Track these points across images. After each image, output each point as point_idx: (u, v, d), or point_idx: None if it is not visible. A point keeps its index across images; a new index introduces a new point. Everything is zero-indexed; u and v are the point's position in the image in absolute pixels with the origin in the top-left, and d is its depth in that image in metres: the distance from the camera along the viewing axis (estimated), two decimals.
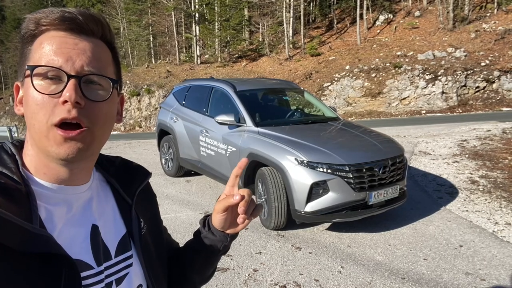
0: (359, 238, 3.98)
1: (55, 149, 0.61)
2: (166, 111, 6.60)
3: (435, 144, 8.78)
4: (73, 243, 0.64)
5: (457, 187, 5.61)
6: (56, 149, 0.61)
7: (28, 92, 0.62)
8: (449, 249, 3.68)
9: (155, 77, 24.44)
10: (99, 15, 0.68)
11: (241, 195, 0.78)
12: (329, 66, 20.81)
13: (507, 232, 4.04)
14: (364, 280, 3.15)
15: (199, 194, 5.64)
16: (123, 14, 35.34)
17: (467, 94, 17.87)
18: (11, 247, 0.53)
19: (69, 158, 0.62)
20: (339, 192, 3.80)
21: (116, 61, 0.71)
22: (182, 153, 6.09)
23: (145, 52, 36.55)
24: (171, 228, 4.32)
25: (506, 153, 7.34)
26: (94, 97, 0.63)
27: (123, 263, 0.73)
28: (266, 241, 3.95)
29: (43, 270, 0.56)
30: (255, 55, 26.13)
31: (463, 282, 3.10)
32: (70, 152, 0.61)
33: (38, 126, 0.61)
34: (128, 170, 0.83)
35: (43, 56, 0.61)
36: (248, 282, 3.16)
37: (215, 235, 0.88)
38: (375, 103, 18.61)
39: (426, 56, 19.00)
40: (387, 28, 23.88)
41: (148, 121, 23.25)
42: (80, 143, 0.61)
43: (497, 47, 18.67)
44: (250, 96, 5.35)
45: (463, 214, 4.58)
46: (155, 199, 0.91)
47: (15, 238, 0.53)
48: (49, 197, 0.64)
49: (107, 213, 0.74)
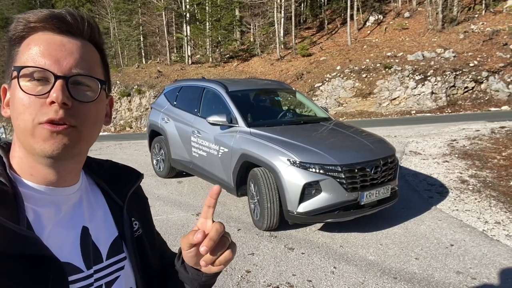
0: (352, 238, 4.00)
1: (40, 145, 0.60)
2: (157, 112, 6.55)
3: (425, 144, 8.87)
4: (62, 246, 0.63)
5: (447, 186, 5.67)
6: (42, 145, 0.60)
7: (14, 94, 0.61)
8: (440, 248, 3.72)
9: (146, 77, 24.26)
10: (88, 16, 0.67)
11: (203, 233, 0.67)
12: (320, 66, 20.89)
13: (497, 231, 4.09)
14: (357, 280, 3.16)
15: (191, 195, 5.61)
16: (113, 14, 35.03)
17: (456, 94, 18.08)
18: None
19: (54, 154, 0.60)
20: (331, 193, 3.81)
21: (104, 62, 0.71)
22: (173, 154, 6.05)
23: (135, 52, 36.27)
24: (162, 229, 4.29)
25: (494, 152, 7.44)
26: (82, 98, 0.62)
27: (115, 266, 0.72)
28: (259, 242, 3.94)
29: (29, 273, 0.55)
30: (246, 56, 26.11)
31: (454, 281, 3.13)
32: (56, 147, 0.60)
33: (23, 125, 0.60)
34: (118, 173, 0.82)
35: (30, 57, 0.61)
36: (241, 283, 3.14)
37: (187, 272, 0.77)
38: (366, 103, 18.73)
39: (415, 56, 19.18)
40: (377, 29, 24.06)
41: (139, 121, 23.08)
42: (66, 139, 0.60)
43: (485, 48, 18.93)
44: (242, 97, 5.34)
45: (454, 214, 4.63)
46: (147, 202, 0.90)
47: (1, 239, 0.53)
48: (37, 198, 0.63)
49: (98, 216, 0.73)
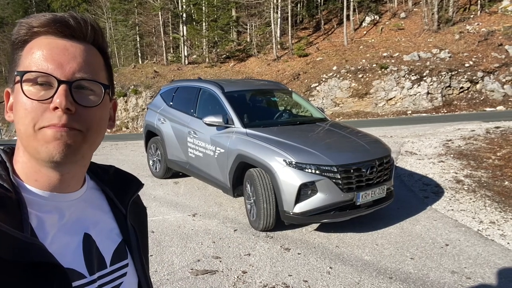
0: (347, 238, 4.01)
1: (44, 148, 0.59)
2: (154, 112, 6.54)
3: (421, 144, 8.91)
4: (65, 252, 0.62)
5: (442, 186, 5.70)
6: (46, 148, 0.59)
7: (17, 98, 0.61)
8: (435, 248, 3.74)
9: (142, 77, 24.20)
10: (92, 19, 0.67)
11: None
12: (317, 66, 20.93)
13: (492, 231, 4.12)
14: (353, 280, 3.18)
15: (187, 195, 5.61)
16: (109, 14, 34.91)
17: (451, 94, 18.17)
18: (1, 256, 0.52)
19: (58, 157, 0.60)
20: (327, 193, 3.82)
21: (108, 66, 0.70)
22: (169, 155, 6.04)
23: (131, 52, 36.17)
24: (159, 230, 4.29)
25: (490, 152, 7.48)
26: (86, 103, 0.62)
27: (118, 272, 0.72)
28: (255, 243, 3.94)
29: (33, 280, 0.55)
30: (243, 56, 26.10)
31: (449, 280, 3.15)
32: (60, 149, 0.60)
33: (24, 130, 0.60)
34: (122, 180, 0.83)
35: (33, 61, 0.60)
36: (237, 284, 3.15)
37: None
38: (362, 103, 18.79)
39: (411, 57, 19.26)
40: (374, 29, 24.13)
41: (135, 122, 23.01)
42: (71, 140, 0.60)
43: (481, 48, 19.04)
44: (238, 97, 5.34)
45: (449, 213, 4.65)
46: (146, 213, 0.90)
47: (5, 247, 0.52)
48: (41, 204, 0.63)
49: (102, 221, 0.73)
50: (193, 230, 4.30)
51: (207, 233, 4.21)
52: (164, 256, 3.66)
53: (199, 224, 4.49)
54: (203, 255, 3.67)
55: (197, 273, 3.31)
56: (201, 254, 3.69)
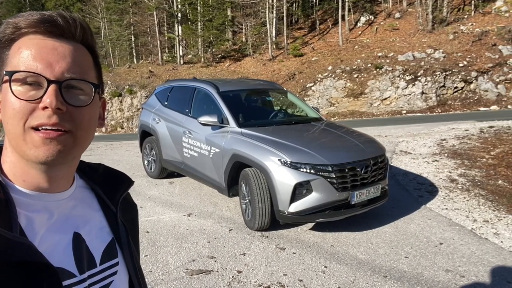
0: (342, 238, 4.02)
1: (33, 152, 0.59)
2: (148, 112, 6.52)
3: (415, 144, 8.95)
4: (54, 251, 0.62)
5: (436, 185, 5.73)
6: (35, 151, 0.59)
7: (6, 98, 0.60)
8: (429, 247, 3.76)
9: (137, 77, 24.10)
10: (80, 18, 0.66)
11: None
12: (312, 66, 20.97)
13: (485, 229, 4.15)
14: (347, 279, 3.19)
15: (183, 195, 5.59)
16: (103, 14, 34.72)
17: (446, 94, 18.28)
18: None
19: (48, 161, 0.59)
20: (322, 192, 3.83)
21: (97, 65, 0.70)
22: (165, 155, 6.03)
23: (126, 52, 36.02)
24: (154, 230, 4.27)
25: (483, 152, 7.54)
26: (76, 103, 0.62)
27: (108, 271, 0.71)
28: (250, 242, 3.94)
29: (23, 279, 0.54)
30: (238, 56, 26.08)
31: (443, 279, 3.17)
32: (50, 154, 0.59)
33: (13, 130, 0.59)
34: (112, 178, 0.82)
35: (21, 61, 0.60)
36: (232, 283, 3.15)
37: None
38: (357, 103, 18.85)
39: (406, 57, 19.36)
40: (368, 30, 24.22)
41: (130, 122, 22.92)
42: (61, 145, 0.60)
43: (475, 48, 19.18)
44: (233, 97, 5.34)
45: (443, 212, 4.68)
46: (136, 209, 0.90)
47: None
48: (29, 204, 0.62)
49: (92, 220, 0.72)
50: (188, 230, 4.29)
51: (202, 233, 4.20)
52: (159, 256, 3.64)
53: (194, 224, 4.48)
54: (198, 255, 3.66)
55: (192, 273, 3.31)
56: (196, 254, 3.69)
